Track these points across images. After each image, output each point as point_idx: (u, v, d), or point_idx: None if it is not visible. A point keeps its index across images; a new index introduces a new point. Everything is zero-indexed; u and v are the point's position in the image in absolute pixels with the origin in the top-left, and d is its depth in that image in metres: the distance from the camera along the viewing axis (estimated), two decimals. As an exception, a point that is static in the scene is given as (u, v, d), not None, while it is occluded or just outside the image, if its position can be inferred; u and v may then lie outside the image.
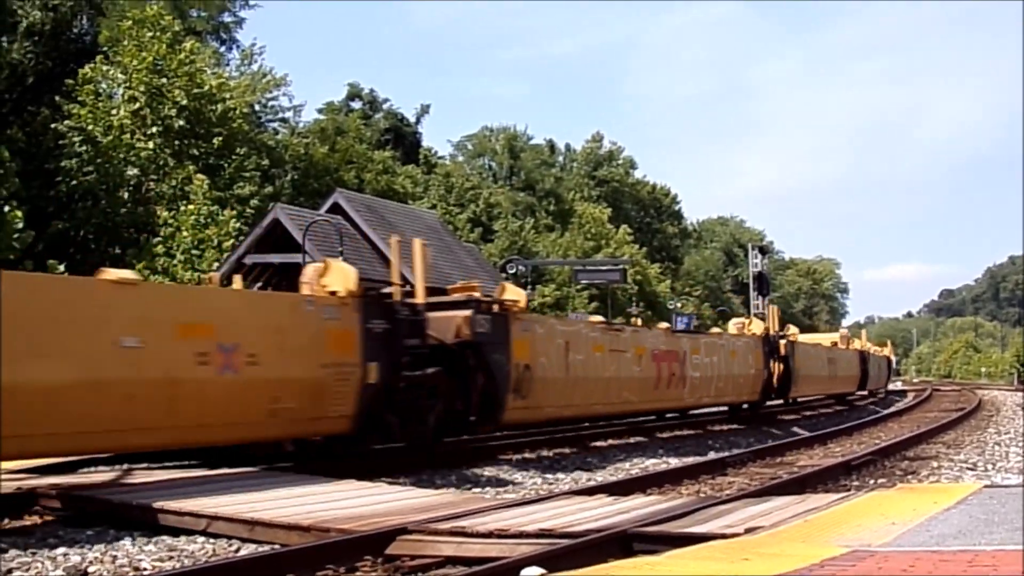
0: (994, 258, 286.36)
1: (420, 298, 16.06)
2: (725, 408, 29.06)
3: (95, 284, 11.88)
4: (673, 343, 24.57)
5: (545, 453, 18.51)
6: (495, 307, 17.37)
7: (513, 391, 17.22)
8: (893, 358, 74.11)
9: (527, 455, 17.87)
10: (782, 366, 30.88)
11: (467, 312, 16.60)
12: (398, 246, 17.35)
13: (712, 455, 19.02)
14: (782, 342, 31.57)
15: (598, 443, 20.95)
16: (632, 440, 21.76)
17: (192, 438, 12.92)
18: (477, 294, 17.39)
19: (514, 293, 18.23)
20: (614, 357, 21.46)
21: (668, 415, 27.15)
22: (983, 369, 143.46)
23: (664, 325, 29.08)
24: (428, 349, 15.70)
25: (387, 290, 15.66)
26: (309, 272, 15.16)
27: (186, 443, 13.39)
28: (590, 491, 12.10)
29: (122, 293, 11.63)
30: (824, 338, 46.04)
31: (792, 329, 35.61)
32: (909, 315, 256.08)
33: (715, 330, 32.44)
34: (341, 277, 14.72)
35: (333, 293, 14.50)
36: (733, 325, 32.04)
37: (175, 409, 11.99)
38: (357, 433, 14.64)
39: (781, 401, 33.26)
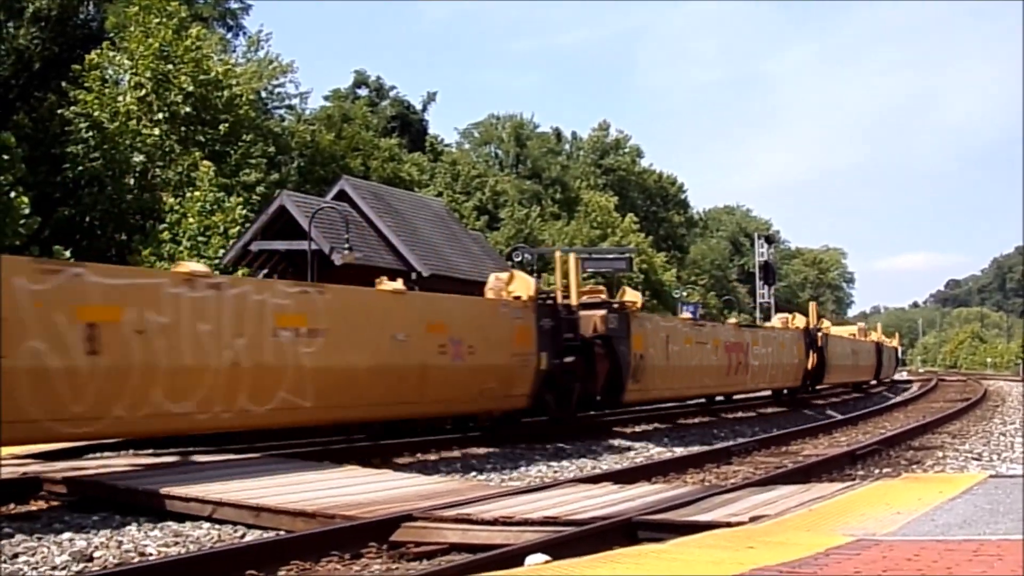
0: (1001, 248, 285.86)
1: (574, 301, 20.19)
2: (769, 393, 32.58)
3: (381, 294, 15.70)
4: (740, 336, 28.41)
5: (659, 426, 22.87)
6: (619, 307, 21.19)
7: (631, 376, 20.91)
8: (899, 348, 74.11)
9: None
10: (817, 356, 34.21)
11: (603, 312, 20.82)
12: (575, 263, 21.22)
13: (717, 444, 19.03)
14: (819, 334, 35.11)
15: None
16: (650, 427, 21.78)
17: (434, 410, 16.98)
18: (603, 296, 22.12)
19: (632, 295, 22.11)
20: (699, 348, 25.35)
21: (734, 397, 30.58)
22: (989, 359, 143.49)
23: (734, 320, 34.99)
24: (579, 341, 19.67)
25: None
26: (494, 280, 19.28)
27: (429, 415, 17.30)
28: (595, 479, 12.11)
29: (397, 300, 15.71)
30: (844, 330, 47.66)
31: (825, 323, 39.18)
32: (915, 305, 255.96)
33: (769, 324, 36.44)
34: (523, 285, 18.83)
35: (517, 298, 18.37)
36: (777, 319, 36.10)
37: (425, 388, 15.76)
38: (531, 408, 18.50)
39: (818, 387, 36.51)
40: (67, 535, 8.89)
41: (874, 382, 48.68)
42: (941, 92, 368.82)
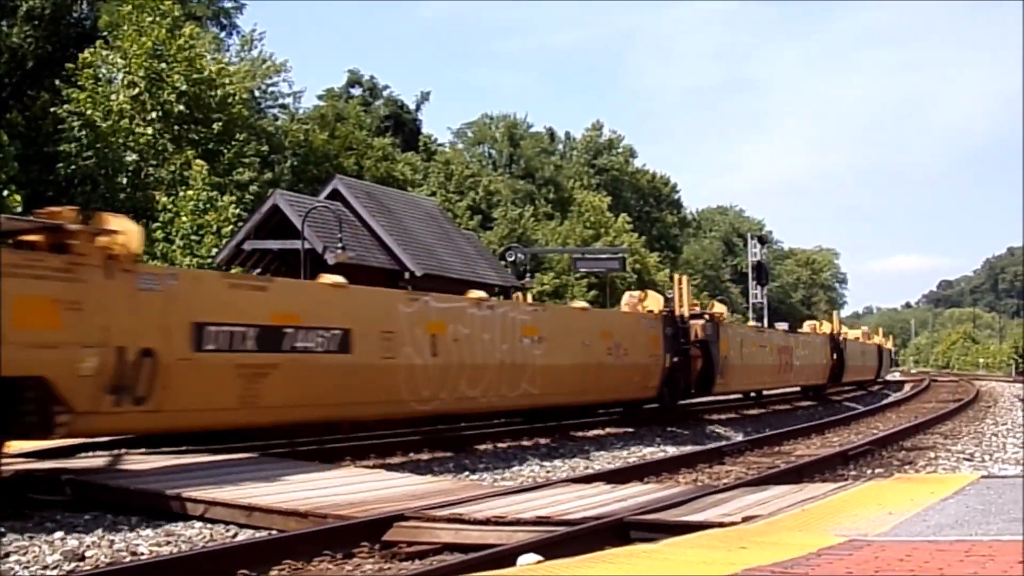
0: (993, 249, 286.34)
1: (685, 313, 25.48)
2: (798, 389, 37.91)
3: (575, 310, 22.84)
4: (787, 340, 34.64)
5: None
6: (711, 317, 26.70)
7: (719, 373, 26.15)
8: (892, 349, 74.39)
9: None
10: (838, 358, 40.28)
11: (702, 321, 26.10)
12: (687, 283, 27.10)
13: (710, 444, 19.05)
14: (840, 339, 41.58)
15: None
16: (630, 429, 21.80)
17: (603, 398, 22.58)
18: (697, 308, 28.13)
19: (720, 307, 28.73)
20: (761, 351, 31.06)
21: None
22: (981, 360, 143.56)
23: (783, 326, 42.63)
24: (689, 345, 24.92)
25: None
26: (628, 297, 25.85)
27: (599, 401, 22.94)
28: (587, 479, 12.12)
29: (583, 314, 22.28)
30: (851, 334, 50.37)
31: (844, 329, 45.85)
32: (908, 306, 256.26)
33: (804, 328, 42.36)
34: (654, 302, 25.27)
35: (650, 311, 24.36)
36: (808, 325, 43.00)
37: (600, 380, 21.05)
38: (657, 398, 23.98)
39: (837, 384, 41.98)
40: (59, 534, 8.88)
41: (878, 380, 53.37)
42: (934, 94, 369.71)
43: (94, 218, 11.87)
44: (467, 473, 14.00)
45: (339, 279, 15.59)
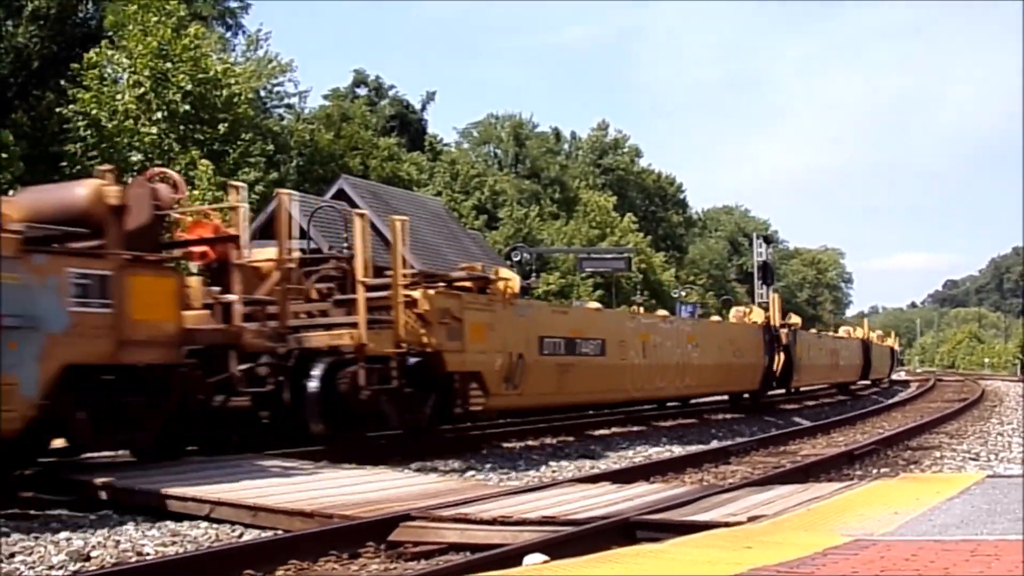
0: (998, 249, 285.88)
1: (776, 323, 31.66)
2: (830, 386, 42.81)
3: (718, 324, 31.24)
4: (836, 344, 42.48)
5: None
6: (791, 326, 33.12)
7: (796, 371, 32.51)
8: (897, 348, 74.52)
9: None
10: (866, 358, 46.61)
11: (786, 329, 32.25)
12: (779, 301, 34.58)
13: (715, 444, 19.04)
14: (869, 342, 49.09)
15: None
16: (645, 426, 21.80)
17: (728, 389, 29.56)
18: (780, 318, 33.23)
19: (795, 319, 35.28)
20: (820, 353, 37.92)
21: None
22: (986, 360, 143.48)
23: (846, 330, 49.90)
24: (779, 349, 30.94)
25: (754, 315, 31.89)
26: (735, 311, 33.48)
27: (727, 391, 29.85)
28: (593, 479, 12.11)
29: (720, 325, 30.91)
30: (872, 336, 55.93)
31: (872, 333, 53.49)
32: (913, 305, 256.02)
33: (841, 333, 48.79)
34: (758, 315, 31.69)
35: (754, 323, 30.87)
36: (843, 331, 49.85)
37: (728, 376, 28.00)
38: (759, 390, 30.25)
39: (867, 382, 49.47)
40: (64, 534, 8.89)
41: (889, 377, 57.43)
42: (940, 91, 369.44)
43: (493, 270, 19.25)
44: (472, 473, 14.00)
45: (594, 304, 27.29)
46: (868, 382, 50.00)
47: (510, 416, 21.18)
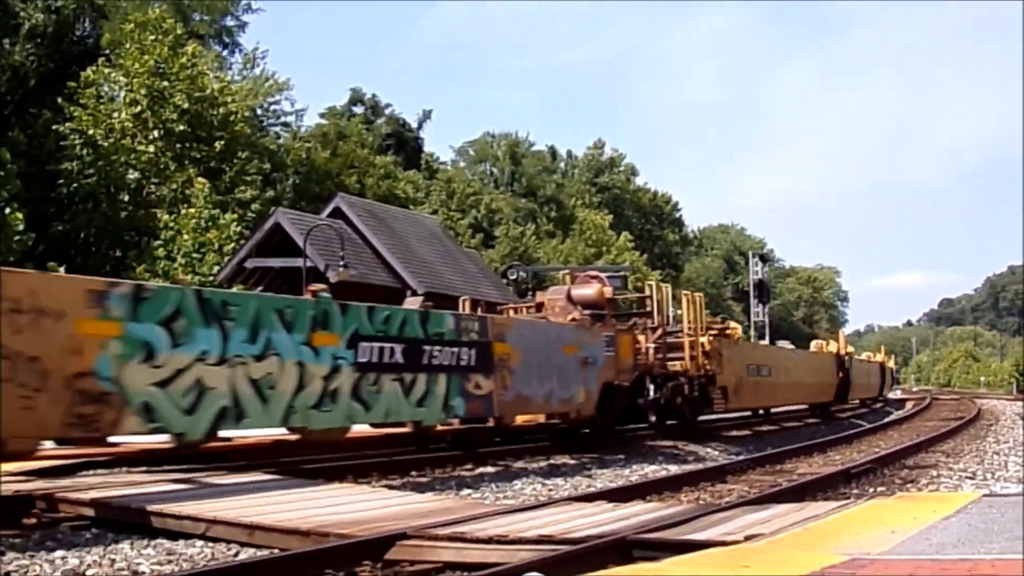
0: (994, 267, 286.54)
1: (843, 352, 42.47)
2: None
3: (812, 353, 42.57)
4: (870, 367, 51.96)
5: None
6: (848, 354, 43.50)
7: (851, 388, 41.93)
8: (894, 368, 74.72)
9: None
10: (882, 378, 54.43)
11: (847, 356, 42.45)
12: (843, 339, 48.18)
13: (711, 462, 19.02)
14: (885, 365, 57.77)
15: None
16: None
17: (816, 401, 38.46)
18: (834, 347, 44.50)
19: (850, 348, 46.70)
20: (867, 372, 49.10)
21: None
22: (982, 378, 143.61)
23: (785, 344, 55.21)
24: (843, 371, 40.71)
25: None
26: (815, 343, 46.45)
27: (812, 402, 38.40)
28: (589, 497, 12.09)
29: (812, 354, 42.46)
30: (878, 358, 61.68)
31: (886, 357, 61.92)
32: (908, 324, 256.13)
33: (863, 357, 57.16)
34: (834, 346, 43.47)
35: (829, 352, 42.00)
36: (865, 355, 58.82)
37: (817, 391, 37.99)
38: (832, 402, 39.43)
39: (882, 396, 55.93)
40: (59, 553, 8.86)
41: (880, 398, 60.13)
42: (935, 113, 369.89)
43: (726, 322, 30.10)
44: (469, 491, 13.98)
45: (764, 342, 41.09)
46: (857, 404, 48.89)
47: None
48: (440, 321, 16.04)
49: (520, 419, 18.92)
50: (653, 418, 22.87)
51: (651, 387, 22.18)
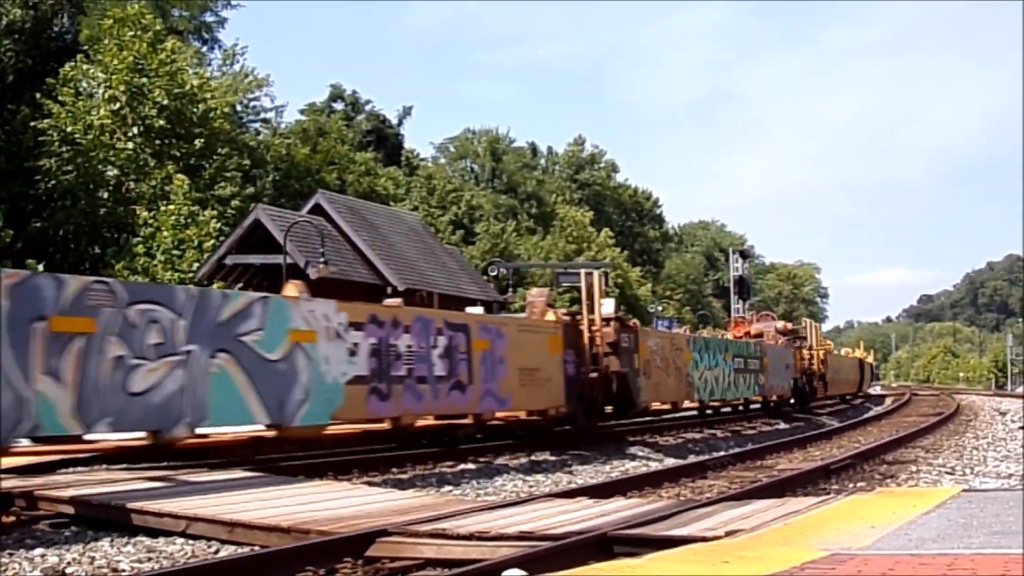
0: (973, 264, 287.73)
1: (861, 355, 64.40)
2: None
3: (844, 357, 58.21)
4: (853, 362, 58.22)
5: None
6: (859, 358, 61.17)
7: (866, 383, 63.11)
8: (873, 364, 75.16)
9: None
10: (860, 374, 59.00)
11: (859, 360, 59.77)
12: (862, 349, 70.91)
13: (692, 458, 19.05)
14: (865, 361, 64.85)
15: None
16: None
17: (848, 392, 53.25)
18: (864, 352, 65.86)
19: (861, 353, 67.58)
20: (851, 368, 55.62)
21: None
22: (961, 374, 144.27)
23: (861, 353, 65.12)
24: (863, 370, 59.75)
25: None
26: (845, 350, 64.50)
27: (847, 393, 52.56)
28: (570, 493, 12.09)
29: (842, 356, 58.11)
30: (857, 353, 67.09)
31: (864, 353, 68.80)
32: (888, 320, 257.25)
33: (842, 352, 63.41)
34: (859, 353, 65.75)
35: (854, 356, 61.36)
36: (844, 351, 64.33)
37: (848, 383, 52.39)
38: (856, 391, 56.70)
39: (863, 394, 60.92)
40: (39, 551, 8.83)
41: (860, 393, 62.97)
42: (916, 109, 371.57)
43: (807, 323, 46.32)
44: (450, 488, 13.97)
45: (829, 343, 50.70)
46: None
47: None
48: (749, 348, 32.04)
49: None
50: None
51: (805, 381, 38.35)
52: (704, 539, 7.60)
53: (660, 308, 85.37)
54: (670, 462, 18.41)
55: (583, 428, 20.49)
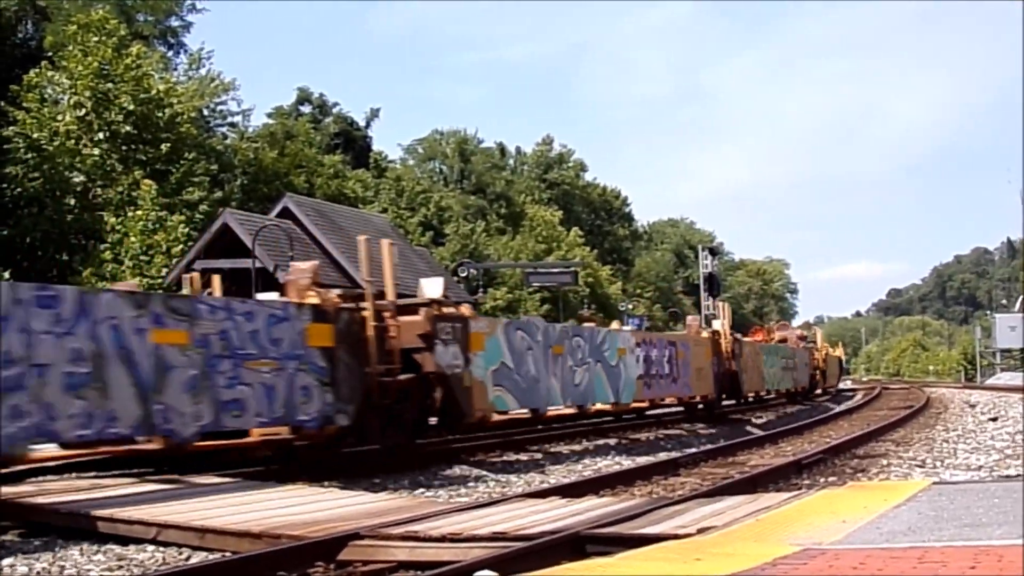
0: (940, 257, 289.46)
1: (841, 355, 66.50)
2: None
3: (836, 356, 65.37)
4: (835, 359, 62.49)
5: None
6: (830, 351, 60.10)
7: (845, 375, 77.50)
8: (843, 357, 75.50)
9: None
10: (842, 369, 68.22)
11: (826, 353, 55.70)
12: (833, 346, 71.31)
13: (664, 455, 19.07)
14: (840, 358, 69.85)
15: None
16: (591, 443, 21.80)
17: (830, 386, 56.52)
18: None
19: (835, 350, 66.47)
20: (835, 364, 61.42)
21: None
22: (931, 367, 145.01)
23: (823, 344, 60.08)
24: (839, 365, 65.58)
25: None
26: (819, 340, 56.91)
27: (828, 386, 55.30)
28: (543, 493, 12.09)
29: (833, 356, 61.50)
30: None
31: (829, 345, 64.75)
32: (858, 314, 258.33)
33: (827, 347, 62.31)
34: (839, 352, 67.86)
35: (837, 355, 65.21)
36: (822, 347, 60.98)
37: (829, 378, 55.63)
38: (835, 384, 60.70)
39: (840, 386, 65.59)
40: (8, 560, 8.77)
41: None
42: (882, 104, 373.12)
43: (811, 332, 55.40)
44: (422, 490, 13.94)
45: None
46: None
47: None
48: (788, 351, 41.47)
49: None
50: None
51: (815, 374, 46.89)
52: (676, 537, 7.60)
53: (631, 306, 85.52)
54: (642, 460, 18.43)
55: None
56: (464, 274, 52.57)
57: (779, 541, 6.81)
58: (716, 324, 31.91)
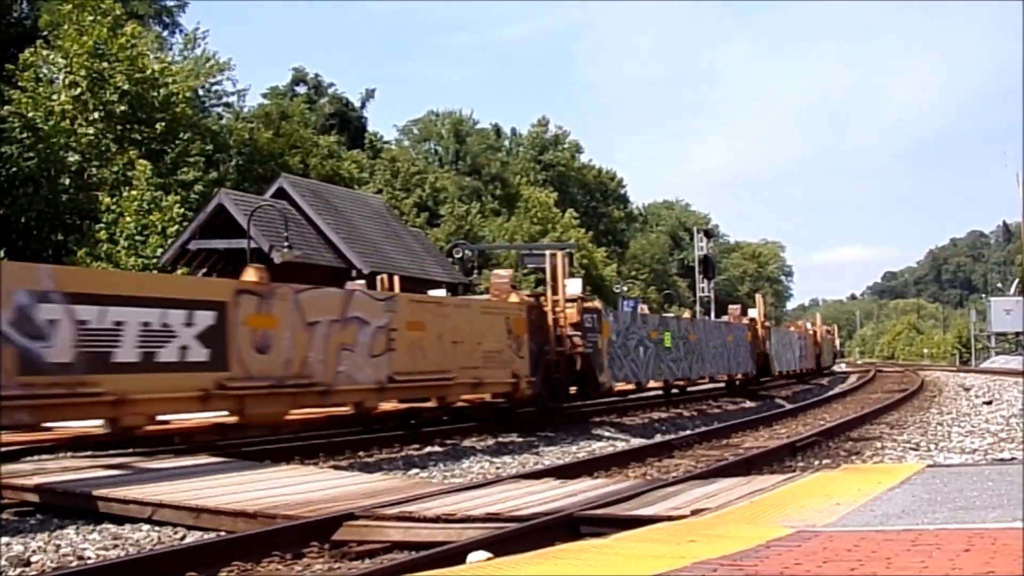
0: (936, 240, 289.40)
1: (836, 339, 73.96)
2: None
3: (832, 336, 71.85)
4: (830, 341, 63.71)
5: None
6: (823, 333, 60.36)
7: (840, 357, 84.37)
8: (838, 341, 75.71)
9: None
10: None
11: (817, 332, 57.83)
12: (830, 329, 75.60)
13: (658, 438, 19.10)
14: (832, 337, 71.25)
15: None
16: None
17: (825, 365, 59.13)
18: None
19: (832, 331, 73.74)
20: (830, 346, 63.34)
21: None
22: (925, 350, 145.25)
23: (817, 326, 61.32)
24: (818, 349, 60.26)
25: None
26: (810, 324, 57.83)
27: (822, 366, 57.26)
28: (537, 475, 12.10)
29: (829, 339, 64.41)
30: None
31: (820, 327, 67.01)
32: (853, 297, 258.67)
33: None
34: (835, 332, 76.92)
35: (832, 336, 68.98)
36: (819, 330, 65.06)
37: (824, 359, 58.14)
38: (831, 364, 64.41)
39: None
40: (3, 539, 8.76)
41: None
42: (878, 87, 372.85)
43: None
44: (416, 471, 13.96)
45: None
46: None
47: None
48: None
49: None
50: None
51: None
52: (670, 518, 7.61)
53: (626, 288, 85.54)
54: (636, 442, 18.44)
55: (548, 409, 20.52)
56: (459, 255, 52.53)
57: (773, 523, 6.82)
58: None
